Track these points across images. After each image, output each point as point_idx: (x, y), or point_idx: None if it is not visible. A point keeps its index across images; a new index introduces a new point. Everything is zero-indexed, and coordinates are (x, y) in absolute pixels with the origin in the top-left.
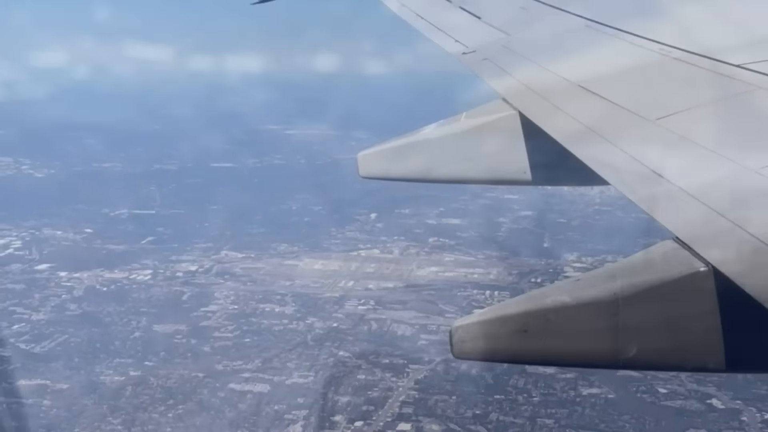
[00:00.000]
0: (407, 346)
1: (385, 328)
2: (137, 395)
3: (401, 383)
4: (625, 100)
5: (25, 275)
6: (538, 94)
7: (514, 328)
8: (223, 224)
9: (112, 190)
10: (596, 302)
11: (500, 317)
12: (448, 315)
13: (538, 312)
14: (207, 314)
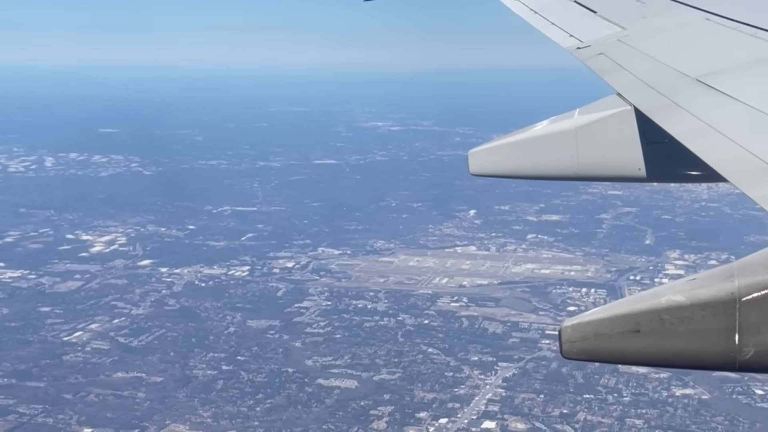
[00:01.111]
0: (497, 344)
1: (476, 325)
2: (228, 389)
3: (489, 381)
4: (746, 96)
5: (128, 271)
6: (654, 90)
7: (625, 328)
8: (322, 221)
9: (217, 188)
10: (713, 302)
11: (612, 317)
12: (541, 313)
13: (651, 312)
14: (300, 310)
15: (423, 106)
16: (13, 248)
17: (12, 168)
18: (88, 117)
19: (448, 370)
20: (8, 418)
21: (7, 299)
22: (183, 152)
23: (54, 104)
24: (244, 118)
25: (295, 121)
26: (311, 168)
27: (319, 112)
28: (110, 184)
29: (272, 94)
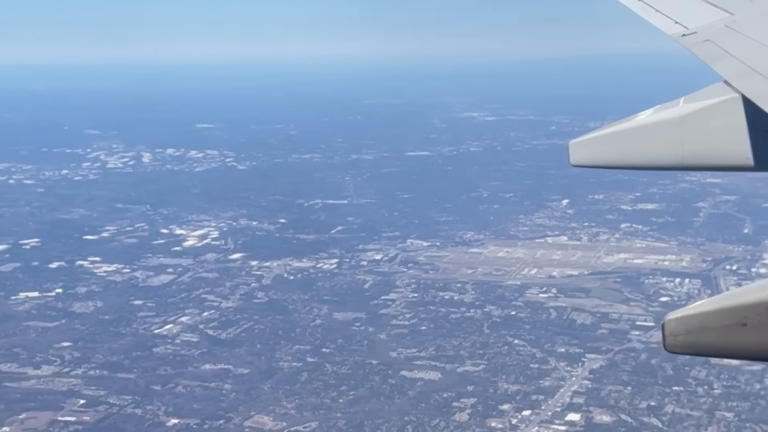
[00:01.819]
0: (585, 335)
1: (564, 316)
2: (312, 381)
3: (575, 372)
4: None
5: (219, 264)
6: (764, 76)
7: (732, 322)
8: (412, 213)
9: (309, 181)
10: None
11: (717, 310)
12: (632, 303)
13: (759, 304)
14: (387, 302)
15: (519, 95)
16: (109, 243)
17: (111, 164)
18: (186, 113)
19: (534, 362)
20: (99, 409)
21: (101, 293)
22: (277, 146)
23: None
24: (338, 111)
25: (389, 114)
26: (403, 160)
27: (413, 104)
28: (205, 179)
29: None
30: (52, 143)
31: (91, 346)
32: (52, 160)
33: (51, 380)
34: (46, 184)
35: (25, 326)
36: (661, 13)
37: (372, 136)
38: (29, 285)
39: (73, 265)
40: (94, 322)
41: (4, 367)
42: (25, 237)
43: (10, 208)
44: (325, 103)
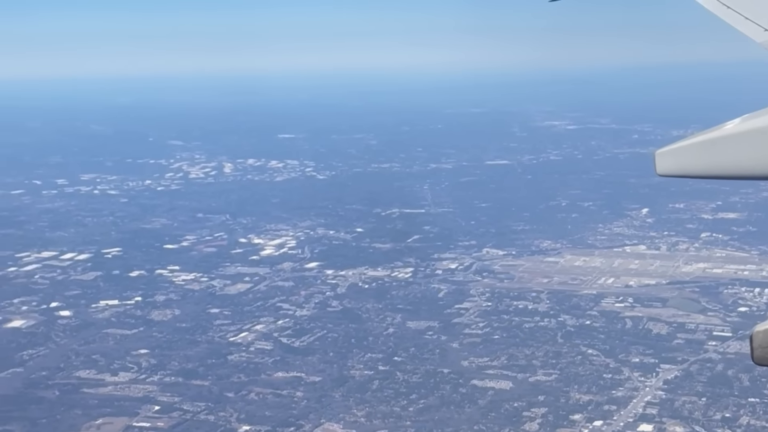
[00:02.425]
0: (661, 345)
1: (640, 326)
2: (383, 389)
3: (649, 383)
4: None
5: (295, 273)
6: None
7: None
8: (489, 222)
9: (387, 190)
10: None
11: None
12: (710, 313)
13: None
14: (460, 311)
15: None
16: (189, 252)
17: (193, 174)
18: (269, 123)
19: (607, 372)
20: (172, 415)
21: (179, 301)
22: (357, 156)
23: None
24: (419, 120)
25: (470, 123)
26: (483, 169)
27: (495, 113)
28: (284, 189)
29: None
30: (136, 154)
31: (168, 354)
32: (136, 171)
33: (128, 386)
34: (129, 194)
35: (104, 334)
36: (750, 20)
37: (452, 145)
38: (110, 293)
39: (152, 274)
40: (172, 329)
41: (82, 373)
42: (107, 246)
43: (93, 218)
44: (406, 112)
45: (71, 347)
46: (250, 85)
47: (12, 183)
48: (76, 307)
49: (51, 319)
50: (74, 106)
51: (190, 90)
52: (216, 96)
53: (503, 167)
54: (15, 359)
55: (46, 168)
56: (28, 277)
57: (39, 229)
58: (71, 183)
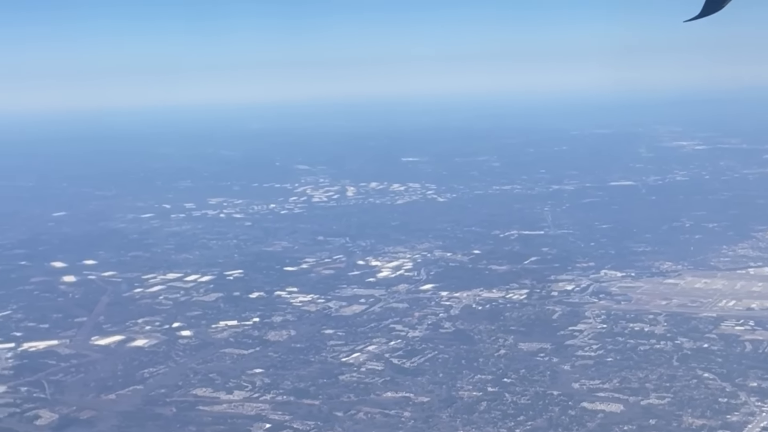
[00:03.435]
0: None
1: (760, 349)
2: (490, 410)
3: (766, 408)
4: None
5: (410, 294)
6: None
7: None
8: (609, 243)
9: (507, 212)
10: None
11: None
12: None
13: None
14: (574, 333)
15: (733, 123)
16: (307, 274)
17: (316, 198)
18: (393, 147)
19: (723, 396)
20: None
21: (296, 322)
22: (479, 178)
23: (364, 136)
24: (544, 142)
25: (596, 144)
26: (606, 190)
27: (622, 134)
28: (404, 212)
29: (577, 118)
30: (263, 178)
31: (282, 373)
32: (261, 195)
33: (241, 405)
34: (253, 217)
35: (222, 353)
36: None
37: (576, 167)
38: (229, 314)
39: (271, 295)
40: (286, 349)
41: (199, 391)
42: (229, 268)
43: (218, 241)
44: (531, 134)
45: (190, 366)
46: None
47: (143, 207)
48: (197, 327)
49: (172, 338)
50: (207, 132)
51: (318, 115)
52: (343, 121)
53: (627, 188)
54: (136, 377)
55: (176, 192)
56: (153, 298)
57: (165, 252)
58: (199, 207)
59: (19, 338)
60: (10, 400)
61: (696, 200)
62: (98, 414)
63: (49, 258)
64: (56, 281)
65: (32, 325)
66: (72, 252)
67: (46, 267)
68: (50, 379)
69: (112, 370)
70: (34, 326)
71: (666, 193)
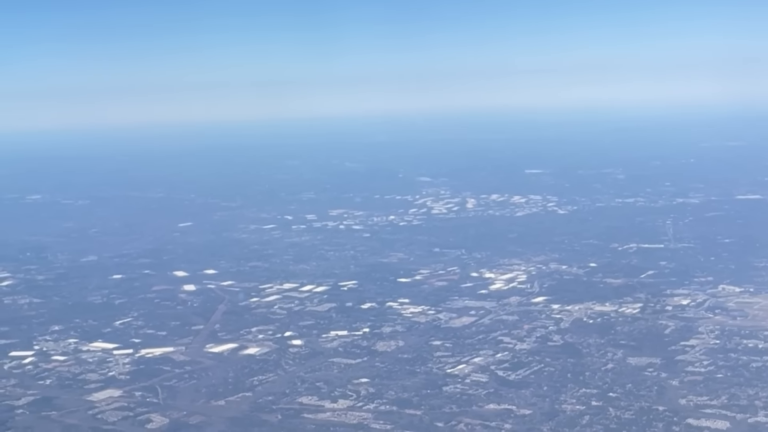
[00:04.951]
0: None
1: None
2: (592, 424)
3: None
4: None
5: (521, 307)
6: None
7: None
8: (730, 258)
9: (627, 225)
10: None
11: None
12: None
13: None
14: (685, 348)
15: None
16: (420, 285)
17: (436, 210)
18: (517, 160)
19: None
20: None
21: (404, 333)
22: (602, 191)
23: (489, 148)
24: (672, 155)
25: (725, 156)
26: (731, 204)
27: (752, 147)
28: (523, 224)
29: (708, 130)
30: (384, 190)
31: (387, 383)
32: (382, 207)
33: (344, 413)
34: (372, 229)
35: (330, 362)
36: None
37: (702, 179)
38: (340, 324)
39: (383, 306)
40: (393, 360)
41: (305, 399)
42: (344, 279)
43: (336, 252)
44: (659, 146)
45: (298, 374)
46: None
47: (266, 218)
48: (308, 336)
49: (283, 347)
50: (334, 145)
51: (441, 128)
52: (467, 133)
53: (754, 202)
54: (246, 384)
55: (299, 204)
56: (268, 308)
57: (284, 262)
58: (320, 218)
59: (137, 344)
60: (125, 404)
61: None
62: (207, 419)
63: (171, 267)
64: (177, 290)
65: (151, 332)
66: (194, 262)
67: (168, 276)
68: (164, 384)
69: (224, 377)
70: (152, 333)
71: None
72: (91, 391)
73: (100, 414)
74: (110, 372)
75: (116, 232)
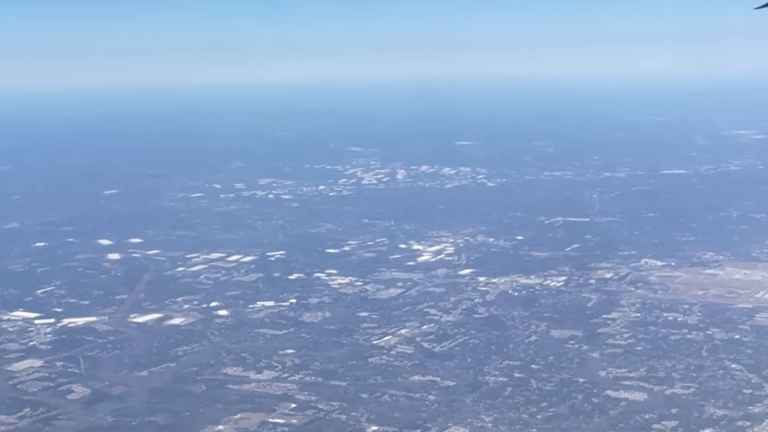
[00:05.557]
0: None
1: None
2: (514, 396)
3: None
4: None
5: (448, 279)
6: None
7: None
8: (653, 232)
9: (555, 199)
10: None
11: None
12: None
13: None
14: (607, 321)
15: None
16: (348, 256)
17: (366, 180)
18: (449, 130)
19: (748, 387)
20: (307, 413)
21: (331, 304)
22: (531, 164)
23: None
24: (601, 128)
25: (653, 131)
26: (657, 178)
27: (680, 122)
28: (452, 196)
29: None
30: (314, 160)
31: (312, 354)
32: (311, 176)
33: (269, 384)
34: (301, 199)
35: (256, 333)
36: None
37: (630, 154)
38: (267, 294)
39: (310, 277)
40: (320, 331)
41: (230, 370)
42: (272, 249)
43: (264, 222)
44: (590, 120)
45: (223, 345)
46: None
47: (194, 186)
48: (234, 307)
49: (209, 317)
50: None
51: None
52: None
53: (679, 177)
54: (170, 355)
55: (228, 172)
56: (194, 277)
57: (211, 232)
58: (248, 187)
59: (59, 314)
60: (45, 374)
61: (746, 191)
62: (129, 390)
63: (96, 235)
64: (101, 258)
65: (73, 301)
66: (119, 230)
67: (92, 244)
68: (86, 354)
69: (147, 347)
70: (75, 302)
71: (717, 183)
72: (11, 361)
73: (20, 384)
74: (31, 342)
75: (39, 198)
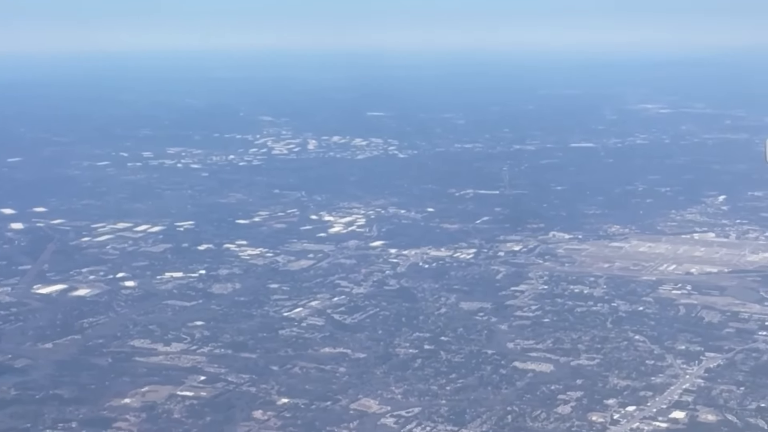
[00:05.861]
0: (710, 334)
1: (693, 313)
2: (424, 368)
3: (690, 371)
4: None
5: (359, 251)
6: None
7: None
8: (561, 205)
9: (465, 171)
10: None
11: None
12: (766, 303)
13: None
14: (515, 293)
15: (700, 87)
16: (259, 227)
17: (276, 150)
18: (360, 101)
19: (650, 358)
20: (216, 386)
21: (241, 275)
22: (442, 135)
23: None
24: (512, 101)
25: (562, 104)
26: (566, 151)
27: (589, 95)
28: (364, 167)
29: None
30: (224, 129)
31: (222, 326)
32: (221, 146)
33: (178, 357)
34: (211, 168)
35: (164, 305)
36: None
37: (539, 127)
38: (176, 265)
39: (220, 248)
40: (229, 303)
41: (137, 342)
42: (181, 219)
43: (173, 191)
44: (501, 92)
45: (130, 317)
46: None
47: (100, 155)
48: (142, 278)
49: (115, 288)
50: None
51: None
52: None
53: (587, 150)
54: (75, 326)
55: (135, 141)
56: (100, 248)
57: (118, 201)
58: (157, 156)
59: None
60: None
61: (652, 164)
62: (33, 362)
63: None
64: (3, 228)
65: None
66: (22, 199)
67: None
68: None
69: (52, 319)
70: None
71: (624, 156)
72: None
73: None
74: None
75: None
